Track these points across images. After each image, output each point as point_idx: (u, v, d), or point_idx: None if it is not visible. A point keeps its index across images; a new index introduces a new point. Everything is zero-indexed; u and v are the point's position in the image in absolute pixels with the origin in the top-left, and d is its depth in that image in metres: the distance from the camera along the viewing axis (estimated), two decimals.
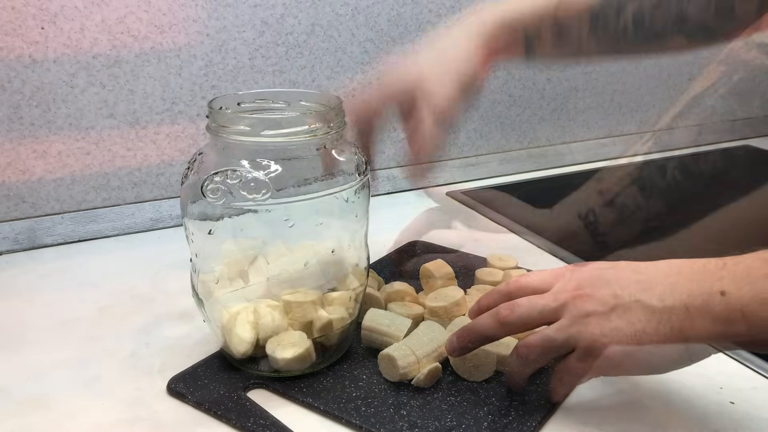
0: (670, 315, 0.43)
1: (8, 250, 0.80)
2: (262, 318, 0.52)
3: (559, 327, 0.47)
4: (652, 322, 0.43)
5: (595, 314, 0.45)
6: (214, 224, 0.53)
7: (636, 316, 0.44)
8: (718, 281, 0.42)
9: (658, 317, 0.43)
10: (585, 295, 0.46)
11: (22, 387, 0.55)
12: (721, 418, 0.52)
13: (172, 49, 0.82)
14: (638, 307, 0.44)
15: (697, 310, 0.42)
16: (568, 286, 0.47)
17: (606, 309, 0.45)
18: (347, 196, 0.54)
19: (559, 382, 0.50)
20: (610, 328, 0.45)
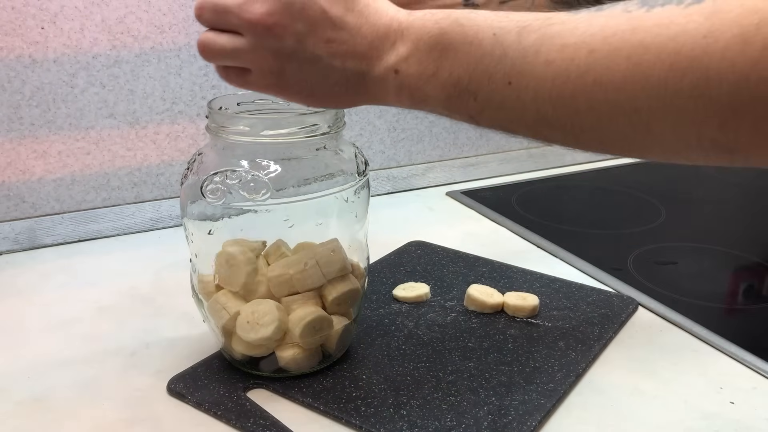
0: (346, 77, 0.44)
1: (8, 250, 0.80)
2: (262, 318, 0.52)
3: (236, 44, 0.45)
4: (326, 80, 0.44)
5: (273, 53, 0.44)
6: (213, 224, 0.53)
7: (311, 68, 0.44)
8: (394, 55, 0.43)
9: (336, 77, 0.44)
10: (270, 28, 0.44)
11: (22, 387, 0.55)
12: (721, 418, 0.52)
13: (172, 49, 0.82)
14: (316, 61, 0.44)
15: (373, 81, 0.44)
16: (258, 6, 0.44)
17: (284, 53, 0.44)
18: (347, 196, 0.54)
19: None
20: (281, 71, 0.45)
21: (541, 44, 0.37)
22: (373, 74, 0.44)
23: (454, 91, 0.41)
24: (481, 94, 0.40)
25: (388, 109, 0.98)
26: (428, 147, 1.03)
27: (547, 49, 0.37)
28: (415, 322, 0.63)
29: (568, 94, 0.36)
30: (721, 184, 1.07)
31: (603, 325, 0.63)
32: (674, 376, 0.57)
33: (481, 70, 0.40)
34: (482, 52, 0.39)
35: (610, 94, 0.35)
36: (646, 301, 0.68)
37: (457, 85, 0.41)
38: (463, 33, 0.41)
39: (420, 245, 0.80)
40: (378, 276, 0.71)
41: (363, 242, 0.58)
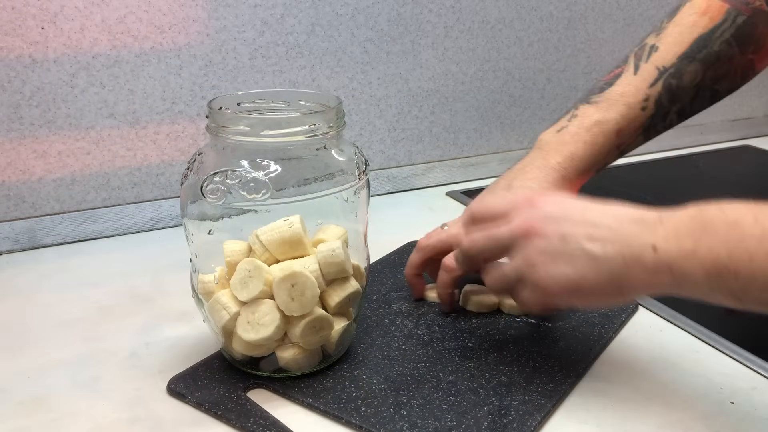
0: (609, 264, 0.48)
1: (8, 250, 0.80)
2: (262, 318, 0.52)
3: (513, 266, 0.52)
4: (593, 269, 0.48)
5: (544, 254, 0.50)
6: (213, 224, 0.53)
7: (580, 263, 0.49)
8: (651, 235, 0.46)
9: (599, 266, 0.48)
10: (535, 233, 0.50)
11: (22, 387, 0.55)
12: (721, 418, 0.52)
13: (172, 49, 0.82)
14: (582, 255, 0.49)
15: (633, 261, 0.47)
16: (522, 220, 0.52)
17: (553, 251, 0.50)
18: (347, 196, 0.54)
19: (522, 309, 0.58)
20: (556, 271, 0.49)
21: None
22: (630, 253, 0.47)
23: (713, 269, 0.43)
24: (743, 272, 0.42)
25: (388, 109, 0.98)
26: (428, 147, 1.03)
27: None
28: (415, 322, 0.63)
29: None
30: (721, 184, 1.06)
31: (603, 325, 0.63)
32: (674, 376, 0.57)
33: (742, 249, 0.42)
34: (743, 232, 0.42)
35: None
36: (646, 301, 0.68)
37: (716, 262, 0.43)
38: (723, 214, 0.44)
39: None
40: (378, 276, 0.72)
41: (363, 242, 0.58)
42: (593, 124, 0.65)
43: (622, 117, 0.65)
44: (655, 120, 0.66)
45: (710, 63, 0.65)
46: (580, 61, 1.11)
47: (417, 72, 0.98)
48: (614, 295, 0.49)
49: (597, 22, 1.10)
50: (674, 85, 0.64)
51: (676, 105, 0.65)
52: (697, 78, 0.65)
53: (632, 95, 0.65)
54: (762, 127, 1.33)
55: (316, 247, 0.53)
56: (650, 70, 0.65)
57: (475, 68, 1.02)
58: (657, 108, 0.65)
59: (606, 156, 0.66)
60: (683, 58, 0.65)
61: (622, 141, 0.66)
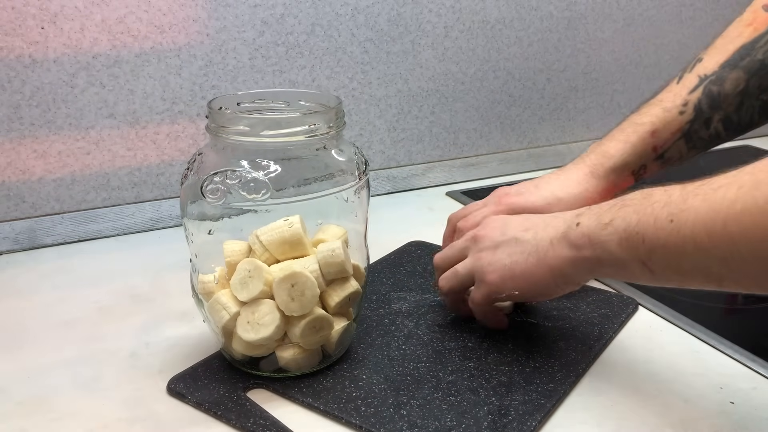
0: (537, 246, 0.54)
1: (8, 250, 0.80)
2: (262, 318, 0.52)
3: (463, 263, 0.59)
4: (524, 253, 0.54)
5: (485, 249, 0.57)
6: (213, 224, 0.53)
7: (513, 248, 0.55)
8: (577, 217, 0.52)
9: (529, 248, 0.54)
10: (481, 236, 0.59)
11: (22, 387, 0.55)
12: (721, 418, 0.52)
13: (172, 49, 0.82)
14: (515, 242, 0.55)
15: (558, 241, 0.52)
16: (475, 229, 0.60)
17: (494, 245, 0.57)
18: (347, 196, 0.54)
19: (474, 313, 0.61)
20: (494, 260, 0.56)
21: (700, 189, 0.43)
22: (556, 234, 0.53)
23: (624, 234, 0.47)
24: (648, 234, 0.45)
25: (388, 109, 0.98)
26: (428, 147, 1.03)
27: (704, 191, 0.43)
28: (415, 322, 0.63)
29: (721, 222, 0.41)
30: None
31: (603, 325, 0.63)
32: (674, 376, 0.57)
33: (649, 212, 0.46)
34: (653, 200, 0.46)
35: (757, 218, 0.39)
36: (646, 301, 0.68)
37: (628, 228, 0.47)
38: (640, 192, 0.48)
39: (420, 245, 0.80)
40: (378, 276, 0.72)
41: (363, 242, 0.58)
42: (628, 125, 0.68)
43: (657, 119, 0.66)
44: (696, 126, 0.66)
45: (754, 71, 0.64)
46: (580, 61, 1.11)
47: (417, 72, 0.98)
48: (546, 278, 0.53)
49: (597, 22, 1.10)
50: (715, 91, 0.65)
51: (719, 112, 0.66)
52: (740, 85, 0.65)
53: (670, 100, 0.67)
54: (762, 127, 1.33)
55: (316, 247, 0.53)
56: (692, 79, 0.66)
57: (475, 68, 1.02)
58: (696, 113, 0.66)
59: (641, 155, 0.67)
60: (725, 66, 0.65)
61: (659, 143, 0.66)
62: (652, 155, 0.67)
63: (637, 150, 0.67)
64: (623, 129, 0.68)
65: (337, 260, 0.52)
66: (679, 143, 0.67)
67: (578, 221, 0.51)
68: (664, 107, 0.67)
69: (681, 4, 1.17)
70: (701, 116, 0.66)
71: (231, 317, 0.52)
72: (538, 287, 0.55)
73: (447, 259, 0.62)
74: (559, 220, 0.54)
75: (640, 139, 0.67)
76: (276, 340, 0.53)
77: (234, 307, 0.52)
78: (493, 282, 0.56)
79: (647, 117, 0.67)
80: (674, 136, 0.66)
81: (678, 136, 0.66)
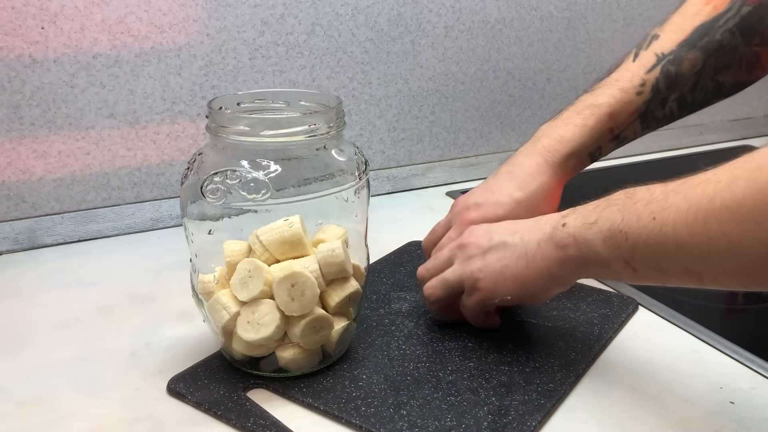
0: (525, 249, 0.54)
1: (8, 250, 0.80)
2: (262, 318, 0.52)
3: (451, 270, 0.59)
4: (513, 256, 0.55)
5: (474, 256, 0.57)
6: (213, 224, 0.53)
7: (502, 253, 0.55)
8: (563, 218, 0.52)
9: (518, 251, 0.54)
10: (467, 243, 0.58)
11: (22, 387, 0.55)
12: (721, 418, 0.52)
13: (172, 49, 0.82)
14: (503, 246, 0.56)
15: (545, 242, 0.53)
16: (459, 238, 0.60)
17: (482, 251, 0.57)
18: (347, 196, 0.54)
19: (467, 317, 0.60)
20: (484, 265, 0.56)
21: (681, 186, 0.44)
22: (542, 236, 0.53)
23: (608, 233, 0.47)
24: (631, 232, 0.46)
25: (388, 109, 0.98)
26: (428, 147, 1.03)
27: (685, 188, 0.43)
28: (415, 322, 0.63)
29: (701, 219, 0.41)
30: None
31: (603, 325, 0.63)
32: (674, 376, 0.57)
33: (632, 211, 0.46)
34: (634, 199, 0.47)
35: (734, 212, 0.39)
36: (646, 301, 0.68)
37: (612, 227, 0.47)
38: (624, 191, 0.48)
39: (420, 245, 0.80)
40: (378, 276, 0.72)
41: (363, 242, 0.58)
42: (585, 107, 0.65)
43: (615, 100, 0.64)
44: (652, 106, 0.65)
45: (711, 52, 0.64)
46: (580, 61, 1.11)
47: (417, 72, 0.98)
48: (536, 280, 0.53)
49: (597, 22, 1.10)
50: (673, 71, 0.64)
51: (674, 92, 0.65)
52: (698, 66, 0.64)
53: (628, 80, 0.65)
54: (762, 127, 1.33)
55: (316, 247, 0.53)
56: (649, 57, 0.65)
57: (475, 68, 1.02)
58: (654, 93, 0.64)
59: (598, 138, 0.65)
60: (683, 45, 0.64)
61: (616, 124, 0.65)
62: (608, 136, 0.66)
63: (594, 133, 0.65)
64: (580, 111, 0.65)
65: (337, 260, 0.52)
66: (635, 124, 0.66)
67: (564, 221, 0.51)
68: (622, 87, 0.65)
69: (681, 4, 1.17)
70: (658, 96, 0.65)
71: (231, 317, 0.52)
72: (529, 290, 0.55)
73: (432, 269, 0.61)
74: (545, 222, 0.54)
75: (598, 122, 0.64)
76: (276, 340, 0.53)
77: (234, 307, 0.52)
78: (486, 287, 0.56)
79: (604, 98, 0.65)
80: (631, 117, 0.65)
81: (635, 117, 0.65)
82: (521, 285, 0.55)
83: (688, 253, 0.42)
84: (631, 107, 0.65)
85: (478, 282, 0.56)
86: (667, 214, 0.43)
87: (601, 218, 0.48)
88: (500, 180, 0.65)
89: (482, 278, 0.56)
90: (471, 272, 0.57)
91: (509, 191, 0.63)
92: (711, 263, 0.41)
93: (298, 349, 0.53)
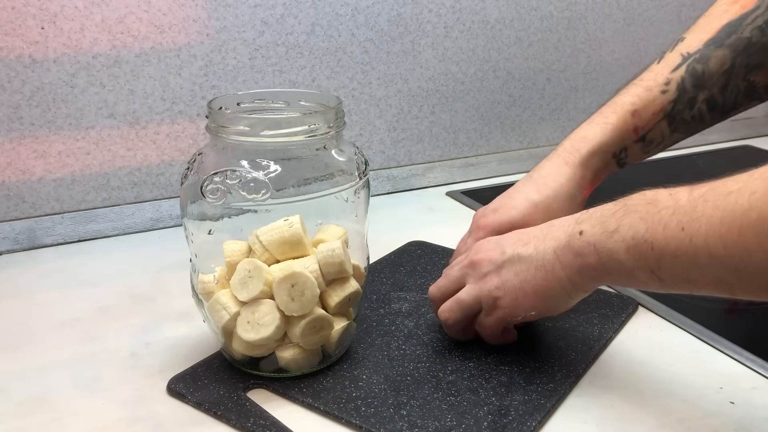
0: (542, 259, 0.52)
1: (8, 250, 0.80)
2: (262, 318, 0.52)
3: (466, 291, 0.57)
4: (531, 269, 0.52)
5: (489, 273, 0.55)
6: (213, 224, 0.53)
7: (518, 267, 0.53)
8: (578, 225, 0.50)
9: (535, 263, 0.52)
10: (478, 260, 0.56)
11: (22, 387, 0.55)
12: (721, 418, 0.52)
13: (172, 49, 0.82)
14: (518, 259, 0.53)
15: (562, 251, 0.50)
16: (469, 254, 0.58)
17: (496, 267, 0.55)
18: (347, 196, 0.54)
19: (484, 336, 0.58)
20: (502, 282, 0.54)
21: (709, 194, 0.42)
22: (559, 244, 0.51)
23: (632, 242, 0.46)
24: (657, 242, 0.44)
25: (388, 109, 0.98)
26: (428, 147, 1.03)
27: (714, 196, 0.41)
28: (415, 322, 0.63)
29: (736, 231, 0.39)
30: None
31: (603, 325, 0.63)
32: (674, 376, 0.57)
33: (657, 220, 0.44)
34: (658, 206, 0.45)
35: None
36: (646, 301, 0.68)
37: (636, 236, 0.45)
38: (643, 196, 0.46)
39: (420, 245, 0.80)
40: (378, 276, 0.72)
41: (363, 242, 0.58)
42: (607, 107, 0.64)
43: (638, 98, 0.63)
44: (679, 106, 0.63)
45: (741, 49, 0.61)
46: (580, 61, 1.11)
47: (417, 72, 0.98)
48: (558, 290, 0.51)
49: (597, 22, 1.10)
50: (699, 69, 0.62)
51: (703, 92, 0.62)
52: (726, 64, 0.61)
53: (652, 79, 0.63)
54: (762, 127, 1.33)
55: (316, 247, 0.53)
56: (674, 57, 0.63)
57: (475, 68, 1.02)
58: (680, 92, 0.62)
59: (621, 137, 0.63)
60: (709, 43, 0.62)
61: (640, 123, 0.63)
62: (633, 137, 0.63)
63: (618, 131, 0.63)
64: (602, 112, 0.64)
65: (337, 260, 0.52)
66: (661, 124, 0.63)
67: (580, 229, 0.49)
68: (645, 86, 0.63)
69: (681, 4, 1.17)
70: (684, 95, 0.63)
71: (231, 317, 0.52)
72: (552, 301, 0.53)
73: (443, 288, 0.59)
74: (557, 229, 0.52)
75: (620, 120, 0.63)
76: (276, 340, 0.53)
77: (234, 307, 0.52)
78: (507, 305, 0.54)
79: (627, 97, 0.63)
80: (656, 117, 0.63)
81: (660, 117, 0.63)
82: (543, 298, 0.52)
83: (721, 265, 0.41)
84: (655, 106, 0.62)
85: (498, 300, 0.54)
86: (698, 225, 0.41)
87: (623, 226, 0.46)
88: (519, 185, 0.64)
89: (502, 296, 0.54)
90: (489, 291, 0.55)
91: (526, 194, 0.62)
92: (745, 276, 0.40)
93: (298, 349, 0.53)
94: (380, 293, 0.68)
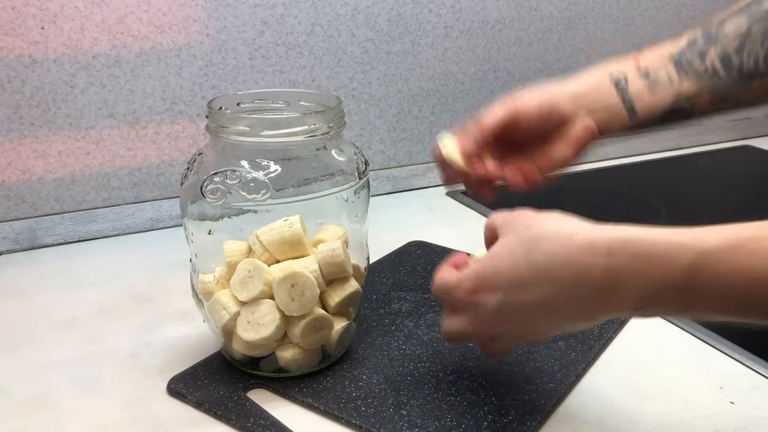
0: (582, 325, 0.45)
1: (8, 250, 0.80)
2: (262, 318, 0.52)
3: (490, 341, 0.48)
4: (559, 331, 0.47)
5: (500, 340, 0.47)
6: (213, 224, 0.53)
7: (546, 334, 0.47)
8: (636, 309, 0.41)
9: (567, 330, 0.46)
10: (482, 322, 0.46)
11: (22, 387, 0.55)
12: (721, 418, 0.52)
13: (172, 49, 0.82)
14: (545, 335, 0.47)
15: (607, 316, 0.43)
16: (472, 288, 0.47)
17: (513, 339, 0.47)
18: (347, 196, 0.54)
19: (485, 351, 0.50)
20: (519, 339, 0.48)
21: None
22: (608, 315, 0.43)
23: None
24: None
25: (388, 109, 0.98)
26: (428, 147, 1.03)
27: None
28: (415, 322, 0.63)
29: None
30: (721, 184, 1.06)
31: (603, 325, 0.63)
32: (674, 376, 0.57)
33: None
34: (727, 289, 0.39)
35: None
36: None
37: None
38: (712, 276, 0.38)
39: (420, 245, 0.80)
40: (378, 276, 0.72)
41: (363, 242, 0.58)
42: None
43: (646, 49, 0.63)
44: (689, 54, 0.62)
45: (757, 18, 0.60)
46: (580, 61, 1.11)
47: (417, 72, 0.98)
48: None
49: (597, 22, 1.10)
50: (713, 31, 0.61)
51: (715, 47, 0.61)
52: (741, 29, 0.60)
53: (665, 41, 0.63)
54: (762, 127, 1.33)
55: (316, 247, 0.53)
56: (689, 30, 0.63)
57: (475, 68, 1.02)
58: (689, 44, 0.62)
59: (619, 63, 0.63)
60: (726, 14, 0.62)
61: (643, 59, 0.62)
62: (634, 67, 0.62)
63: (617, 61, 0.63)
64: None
65: (337, 260, 0.52)
66: (667, 66, 0.62)
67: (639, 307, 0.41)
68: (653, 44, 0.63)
69: (681, 4, 1.17)
70: (694, 46, 0.62)
71: (231, 317, 0.52)
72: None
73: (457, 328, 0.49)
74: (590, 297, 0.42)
75: (622, 56, 0.62)
76: (276, 340, 0.53)
77: (234, 307, 0.52)
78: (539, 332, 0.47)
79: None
80: (661, 57, 0.62)
81: (665, 58, 0.62)
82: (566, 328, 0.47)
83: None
84: (660, 49, 0.62)
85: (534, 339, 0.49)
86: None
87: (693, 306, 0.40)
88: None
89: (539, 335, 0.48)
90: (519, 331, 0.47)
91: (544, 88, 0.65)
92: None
93: (298, 349, 0.53)
94: (380, 293, 0.68)
